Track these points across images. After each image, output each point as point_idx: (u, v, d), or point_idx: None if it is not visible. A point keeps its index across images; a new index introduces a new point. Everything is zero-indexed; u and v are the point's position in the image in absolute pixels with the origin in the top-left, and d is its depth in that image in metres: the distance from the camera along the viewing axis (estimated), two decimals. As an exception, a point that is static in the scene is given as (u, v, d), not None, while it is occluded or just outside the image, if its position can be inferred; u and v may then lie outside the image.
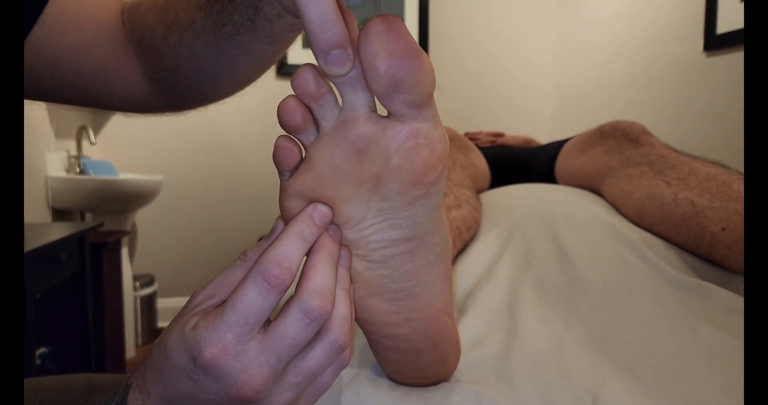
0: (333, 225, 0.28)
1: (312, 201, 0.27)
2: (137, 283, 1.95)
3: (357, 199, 0.26)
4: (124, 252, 1.77)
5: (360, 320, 0.32)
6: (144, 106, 0.45)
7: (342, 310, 0.27)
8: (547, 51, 2.48)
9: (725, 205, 0.57)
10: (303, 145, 0.26)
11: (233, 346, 0.24)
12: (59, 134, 1.76)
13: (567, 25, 2.39)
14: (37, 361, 1.06)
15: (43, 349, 1.10)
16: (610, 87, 2.08)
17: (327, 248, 0.26)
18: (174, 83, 0.42)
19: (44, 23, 0.38)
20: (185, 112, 0.47)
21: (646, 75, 1.88)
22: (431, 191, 0.27)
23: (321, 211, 0.26)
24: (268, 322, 0.26)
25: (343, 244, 0.28)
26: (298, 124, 0.25)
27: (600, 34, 2.15)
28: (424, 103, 0.24)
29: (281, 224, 0.28)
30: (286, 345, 0.24)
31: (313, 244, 0.26)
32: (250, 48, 0.37)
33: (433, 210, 0.29)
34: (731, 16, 1.51)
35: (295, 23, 0.34)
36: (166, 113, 0.47)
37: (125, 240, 1.82)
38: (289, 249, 0.25)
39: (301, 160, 0.27)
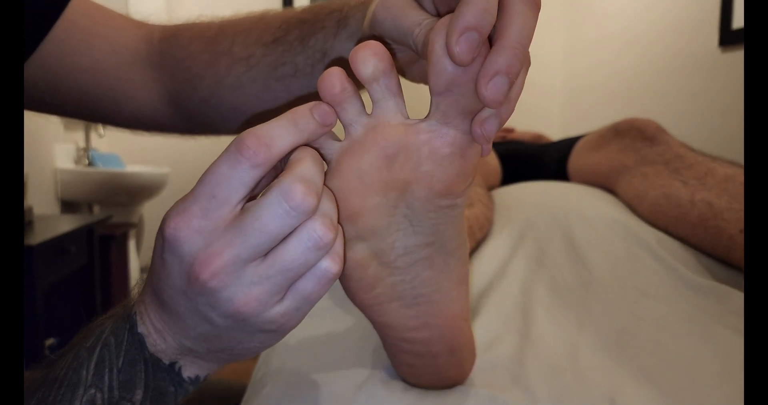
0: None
1: (338, 210, 0.26)
2: (144, 275, 1.95)
3: (384, 207, 0.26)
4: (132, 244, 1.77)
5: (379, 324, 0.32)
6: (154, 128, 0.45)
7: (326, 206, 0.23)
8: (556, 44, 2.45)
9: (743, 206, 0.56)
10: (322, 154, 0.26)
11: (198, 221, 0.22)
12: (68, 126, 1.76)
13: (577, 17, 2.36)
14: (46, 353, 1.07)
15: (51, 341, 1.10)
16: (620, 82, 2.06)
17: (315, 154, 0.24)
18: (201, 111, 0.41)
19: (54, 40, 0.37)
20: (194, 136, 0.46)
21: (659, 70, 1.85)
22: (457, 202, 0.27)
23: (322, 107, 0.24)
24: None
25: (367, 253, 0.28)
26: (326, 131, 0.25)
27: (611, 27, 2.12)
28: (474, 111, 0.23)
29: None
30: (257, 228, 0.21)
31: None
32: (294, 91, 0.36)
33: (456, 217, 0.28)
34: (747, 11, 1.49)
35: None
36: (174, 135, 0.46)
37: (132, 232, 1.82)
38: (274, 130, 0.22)
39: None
